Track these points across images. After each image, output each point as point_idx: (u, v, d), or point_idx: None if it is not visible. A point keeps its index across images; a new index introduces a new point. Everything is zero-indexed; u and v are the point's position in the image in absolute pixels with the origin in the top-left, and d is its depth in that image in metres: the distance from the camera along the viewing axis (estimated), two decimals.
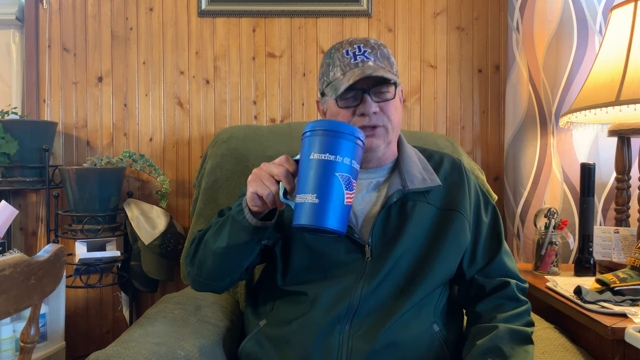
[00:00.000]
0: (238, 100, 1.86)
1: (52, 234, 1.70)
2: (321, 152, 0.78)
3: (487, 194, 1.13)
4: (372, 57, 0.99)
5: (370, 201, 1.03)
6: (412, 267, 0.98)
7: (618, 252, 1.40)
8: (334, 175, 0.77)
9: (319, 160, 0.78)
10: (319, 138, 0.79)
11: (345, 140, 0.78)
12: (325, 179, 0.77)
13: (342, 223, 0.77)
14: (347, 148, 0.78)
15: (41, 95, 1.86)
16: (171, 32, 1.85)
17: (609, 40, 1.41)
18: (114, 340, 1.00)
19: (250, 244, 0.93)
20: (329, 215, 0.76)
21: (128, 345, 0.95)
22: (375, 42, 1.02)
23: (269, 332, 1.00)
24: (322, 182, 0.77)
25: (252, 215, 0.89)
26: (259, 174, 0.85)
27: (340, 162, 0.77)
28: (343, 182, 0.77)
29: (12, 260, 0.78)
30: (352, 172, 0.78)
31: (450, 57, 1.86)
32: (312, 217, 0.76)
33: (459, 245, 1.02)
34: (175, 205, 1.86)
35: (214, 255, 0.96)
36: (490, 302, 1.01)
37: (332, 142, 0.78)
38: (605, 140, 1.65)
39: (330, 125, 0.79)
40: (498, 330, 0.92)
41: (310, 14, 1.84)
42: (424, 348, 0.95)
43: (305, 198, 0.77)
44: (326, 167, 0.77)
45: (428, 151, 1.13)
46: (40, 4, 1.85)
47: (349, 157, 0.78)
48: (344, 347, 0.91)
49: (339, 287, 0.96)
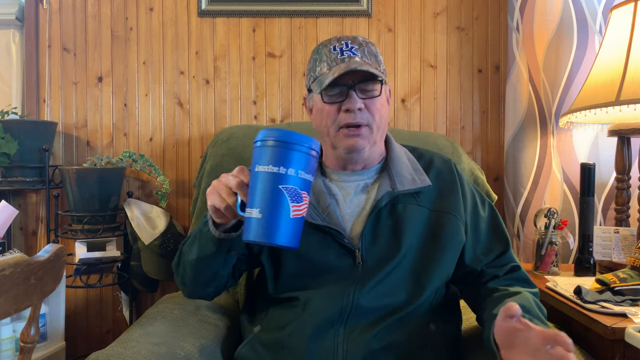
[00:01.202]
0: (238, 100, 1.86)
1: (52, 234, 1.70)
2: (265, 164, 0.76)
3: (481, 192, 1.11)
4: (359, 54, 0.98)
5: (359, 204, 1.01)
6: (407, 272, 0.97)
7: (618, 252, 1.40)
8: (277, 189, 0.74)
9: (262, 173, 0.76)
10: (265, 149, 0.76)
11: (291, 150, 0.76)
12: (268, 192, 0.75)
13: (290, 237, 0.75)
14: (292, 159, 0.75)
15: (41, 95, 1.86)
16: (171, 32, 1.85)
17: (609, 40, 1.41)
18: (114, 340, 0.99)
19: (219, 255, 0.92)
20: (273, 231, 0.74)
21: (128, 345, 0.95)
22: (364, 40, 1.01)
23: (263, 337, 0.99)
24: (265, 196, 0.75)
25: (215, 228, 0.88)
26: (217, 186, 0.83)
27: (284, 174, 0.75)
28: (288, 195, 0.75)
29: (12, 260, 0.78)
30: (299, 183, 0.76)
31: (450, 57, 1.86)
32: (258, 232, 0.74)
33: (453, 248, 1.00)
34: (175, 205, 1.86)
35: (190, 266, 0.97)
36: (504, 281, 1.00)
37: (277, 153, 0.76)
38: (605, 140, 1.65)
39: (278, 136, 0.76)
40: (524, 294, 0.91)
41: (310, 14, 1.84)
42: (420, 347, 0.94)
43: (252, 212, 0.75)
44: (269, 179, 0.75)
45: (418, 150, 1.11)
46: (40, 4, 1.85)
47: (294, 168, 0.75)
48: (339, 349, 0.90)
49: (330, 290, 0.95)
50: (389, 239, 0.97)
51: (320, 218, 0.98)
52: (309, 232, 0.98)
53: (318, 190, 1.02)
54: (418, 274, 0.97)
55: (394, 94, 1.85)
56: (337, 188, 1.03)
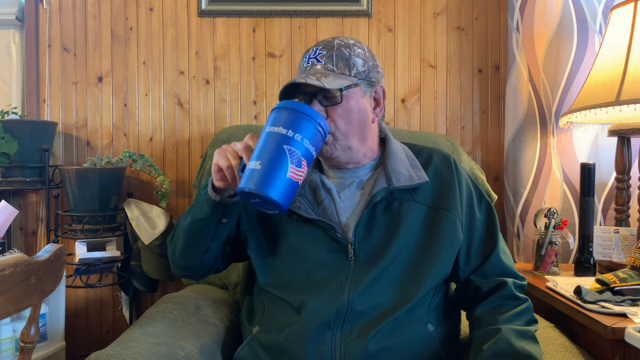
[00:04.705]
0: (238, 100, 1.86)
1: (52, 234, 1.70)
2: (275, 125, 0.82)
3: (481, 190, 1.09)
4: (324, 60, 0.98)
5: (354, 199, 1.01)
6: (403, 269, 0.96)
7: (618, 252, 1.40)
8: (281, 147, 0.80)
9: (271, 133, 0.82)
10: (279, 113, 0.84)
11: (300, 118, 0.82)
12: (271, 148, 0.80)
13: (282, 195, 0.79)
14: (301, 126, 0.82)
15: (41, 95, 1.86)
16: (171, 32, 1.85)
17: (609, 40, 1.41)
18: (114, 340, 1.00)
19: (212, 220, 0.95)
20: (267, 183, 0.78)
21: (128, 345, 0.95)
22: (341, 42, 0.99)
23: (262, 339, 0.98)
24: (267, 151, 0.80)
25: (214, 191, 0.92)
26: (225, 148, 0.89)
27: (291, 136, 0.81)
28: (289, 155, 0.80)
29: (12, 260, 0.78)
30: (302, 149, 0.81)
31: (450, 57, 1.86)
32: (251, 181, 0.78)
33: (451, 246, 0.99)
34: (175, 205, 1.86)
35: (182, 232, 1.00)
36: (490, 304, 0.98)
37: (287, 117, 0.83)
38: (605, 140, 1.65)
39: (292, 105, 0.84)
40: (501, 332, 0.89)
41: (310, 14, 1.84)
42: (419, 349, 0.94)
43: (251, 165, 0.80)
44: (276, 138, 0.81)
45: (417, 147, 1.10)
46: (40, 4, 1.85)
47: (301, 135, 0.81)
48: (337, 353, 0.90)
49: (324, 293, 0.94)
50: (384, 235, 0.97)
51: (315, 212, 0.98)
52: (301, 225, 1.00)
53: (314, 185, 1.02)
54: (414, 272, 0.96)
55: (394, 94, 1.85)
56: (333, 183, 1.03)
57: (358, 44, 1.02)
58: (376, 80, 1.02)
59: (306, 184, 1.03)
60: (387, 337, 0.91)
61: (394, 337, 0.92)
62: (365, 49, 1.03)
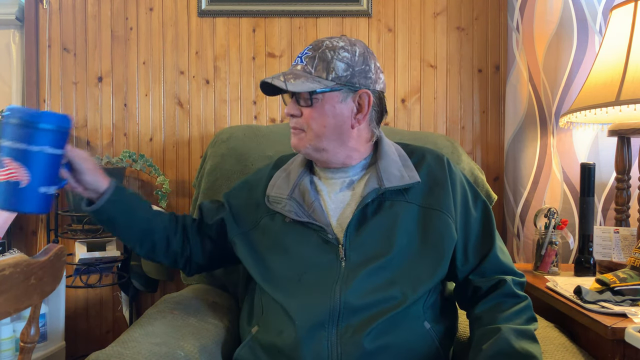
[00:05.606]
0: (238, 100, 1.86)
1: (52, 234, 1.70)
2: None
3: (476, 189, 1.08)
4: (305, 61, 0.99)
5: (344, 200, 1.01)
6: (396, 269, 0.95)
7: (618, 252, 1.40)
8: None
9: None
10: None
11: (6, 125, 0.87)
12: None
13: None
14: (7, 131, 0.87)
15: (41, 95, 1.86)
16: (171, 32, 1.85)
17: (609, 40, 1.41)
18: (114, 340, 0.99)
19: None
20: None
21: (128, 345, 0.95)
22: (329, 44, 0.98)
23: (261, 339, 0.99)
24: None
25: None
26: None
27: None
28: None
29: (12, 260, 0.78)
30: (9, 151, 0.86)
31: (450, 57, 1.86)
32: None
33: (444, 246, 0.98)
34: (175, 205, 1.86)
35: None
36: (489, 302, 0.98)
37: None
38: (605, 140, 1.64)
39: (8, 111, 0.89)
40: (501, 332, 0.89)
41: (310, 14, 1.84)
42: (416, 347, 0.94)
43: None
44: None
45: (410, 147, 1.10)
46: (40, 4, 1.85)
47: (6, 139, 0.87)
48: (333, 352, 0.90)
49: (315, 294, 0.94)
50: (375, 235, 0.97)
51: (305, 214, 0.99)
52: (293, 227, 1.00)
53: (304, 187, 1.03)
54: (408, 272, 0.95)
55: (394, 94, 1.85)
56: (324, 184, 1.04)
57: (348, 47, 0.99)
58: (362, 86, 0.99)
59: (296, 186, 1.04)
60: (383, 334, 0.91)
61: (390, 334, 0.92)
62: (356, 53, 0.99)
